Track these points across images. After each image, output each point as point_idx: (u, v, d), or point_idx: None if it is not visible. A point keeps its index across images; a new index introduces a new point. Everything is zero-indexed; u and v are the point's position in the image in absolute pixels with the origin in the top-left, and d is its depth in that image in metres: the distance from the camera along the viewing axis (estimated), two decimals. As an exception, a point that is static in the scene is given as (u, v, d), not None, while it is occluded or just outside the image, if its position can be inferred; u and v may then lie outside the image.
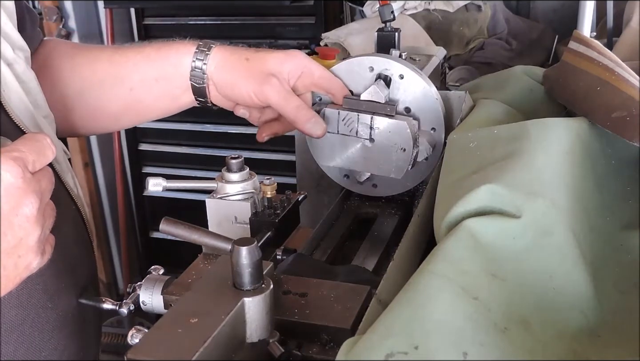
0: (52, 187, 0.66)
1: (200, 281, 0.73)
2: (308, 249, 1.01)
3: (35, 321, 0.80)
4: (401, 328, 0.54)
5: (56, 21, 2.75)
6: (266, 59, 0.96)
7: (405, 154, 0.96)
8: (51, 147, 0.65)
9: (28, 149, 0.62)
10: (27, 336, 0.79)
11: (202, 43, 0.98)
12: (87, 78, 1.00)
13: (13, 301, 0.76)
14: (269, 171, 1.26)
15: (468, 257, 0.62)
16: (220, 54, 0.97)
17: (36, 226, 0.62)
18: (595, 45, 0.92)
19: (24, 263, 0.62)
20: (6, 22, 0.84)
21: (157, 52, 0.99)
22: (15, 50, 0.84)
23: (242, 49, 0.99)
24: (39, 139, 0.64)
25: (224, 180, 0.96)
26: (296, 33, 2.53)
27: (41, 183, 0.63)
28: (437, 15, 2.05)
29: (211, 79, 0.97)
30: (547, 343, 0.59)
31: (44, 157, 0.64)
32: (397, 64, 0.98)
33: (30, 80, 0.87)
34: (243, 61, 0.96)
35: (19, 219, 0.61)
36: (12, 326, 0.77)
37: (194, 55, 0.96)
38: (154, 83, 1.00)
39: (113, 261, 3.19)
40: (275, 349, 0.68)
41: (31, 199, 0.61)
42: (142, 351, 0.62)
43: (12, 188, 0.60)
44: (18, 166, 0.60)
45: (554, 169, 0.73)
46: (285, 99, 0.94)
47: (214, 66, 0.97)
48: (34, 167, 0.62)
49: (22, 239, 0.61)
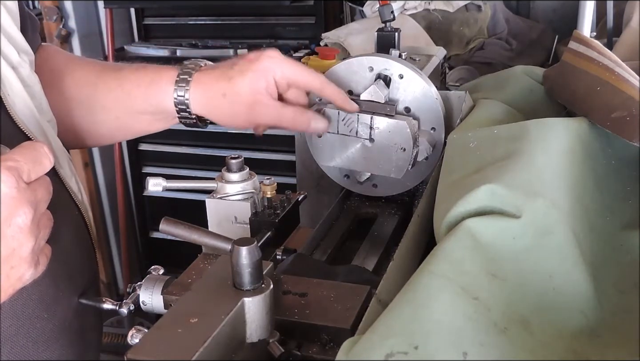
0: (49, 197, 0.65)
1: (200, 281, 0.73)
2: (308, 249, 1.01)
3: (29, 332, 0.78)
4: (401, 328, 0.54)
5: (56, 21, 2.75)
6: (241, 87, 0.90)
7: (405, 154, 0.96)
8: (48, 156, 0.63)
9: (24, 159, 0.61)
10: (21, 348, 0.78)
11: (179, 79, 0.92)
12: (74, 99, 0.98)
13: (6, 311, 0.75)
14: (269, 171, 1.26)
15: (468, 257, 0.62)
16: (199, 91, 0.92)
17: (30, 237, 0.61)
18: (595, 45, 0.92)
19: (16, 274, 0.61)
20: (11, 26, 0.83)
21: (137, 88, 0.95)
22: (20, 54, 0.83)
23: (217, 77, 0.93)
24: (36, 148, 0.63)
25: (224, 180, 0.96)
26: (296, 33, 2.53)
27: (37, 193, 0.62)
28: (437, 15, 2.05)
29: (197, 112, 0.94)
30: (547, 343, 0.59)
31: (40, 167, 0.63)
32: (397, 64, 0.98)
33: (34, 84, 0.86)
34: (220, 97, 0.92)
35: (12, 230, 0.59)
36: (5, 337, 0.76)
37: (175, 93, 0.92)
38: (140, 115, 0.97)
39: (113, 261, 3.19)
40: (275, 349, 0.68)
41: (25, 210, 0.60)
42: (142, 351, 0.61)
43: (6, 198, 0.59)
44: (12, 176, 0.59)
45: (554, 169, 0.73)
46: (278, 116, 0.92)
47: (196, 104, 0.93)
48: (30, 176, 0.61)
49: (15, 250, 0.60)
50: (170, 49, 2.61)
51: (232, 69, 0.92)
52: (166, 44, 2.69)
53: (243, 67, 0.92)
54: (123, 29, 2.86)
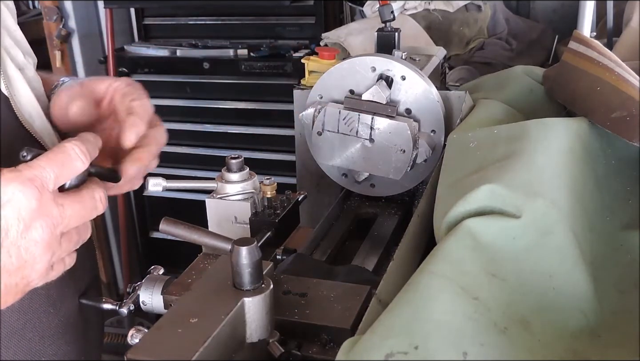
0: (85, 214, 0.61)
1: (200, 281, 0.73)
2: (308, 249, 1.01)
3: (36, 326, 0.79)
4: (401, 328, 0.54)
5: (56, 21, 2.75)
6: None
7: (405, 155, 0.96)
8: (80, 157, 0.60)
9: (49, 164, 0.58)
10: (28, 341, 0.79)
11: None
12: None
13: (15, 306, 0.74)
14: (269, 171, 1.26)
15: (468, 257, 0.62)
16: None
17: (46, 251, 0.59)
18: (595, 45, 0.92)
19: (25, 282, 0.60)
20: (16, 29, 0.83)
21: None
22: (25, 56, 0.83)
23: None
24: (66, 151, 0.60)
25: (224, 180, 0.96)
26: (296, 33, 2.53)
27: (65, 209, 0.59)
28: (437, 15, 2.05)
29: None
30: (547, 343, 0.59)
31: (69, 170, 0.60)
32: (400, 65, 0.98)
33: (39, 86, 0.85)
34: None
35: (27, 242, 0.57)
36: (13, 330, 0.77)
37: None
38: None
39: (113, 261, 3.19)
40: (275, 349, 0.68)
41: (42, 222, 0.58)
42: (142, 351, 0.62)
43: (23, 210, 0.56)
44: (34, 187, 0.57)
45: (554, 169, 0.73)
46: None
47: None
48: (57, 183, 0.59)
49: (27, 262, 0.58)
50: (170, 49, 2.61)
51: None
52: (166, 44, 2.69)
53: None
54: (123, 29, 2.86)
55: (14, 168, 0.58)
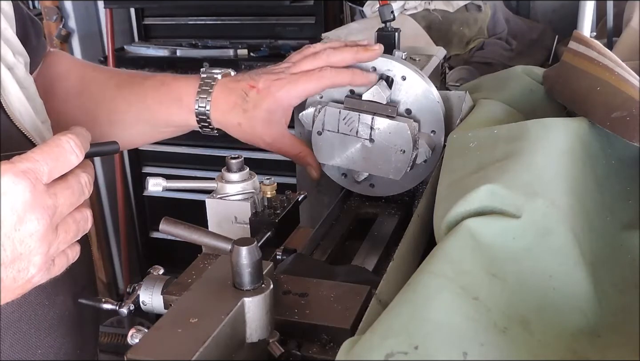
0: (75, 199, 0.62)
1: (200, 281, 0.73)
2: (308, 249, 1.01)
3: (32, 318, 0.80)
4: (401, 328, 0.54)
5: (56, 21, 2.75)
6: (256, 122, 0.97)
7: (405, 155, 0.96)
8: (74, 151, 0.61)
9: (43, 158, 0.58)
10: (24, 334, 0.79)
11: (200, 90, 0.98)
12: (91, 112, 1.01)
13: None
14: (269, 171, 1.26)
15: (468, 257, 0.62)
16: (219, 113, 0.98)
17: (42, 243, 0.59)
18: (595, 45, 0.92)
19: (24, 277, 0.60)
20: (6, 27, 0.83)
21: (159, 106, 1.00)
22: (15, 55, 0.83)
23: (231, 106, 0.98)
24: (60, 144, 0.60)
25: (224, 180, 0.96)
26: (296, 33, 2.54)
27: (57, 198, 0.60)
28: (437, 15, 2.05)
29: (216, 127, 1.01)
30: (547, 343, 0.59)
31: (63, 165, 0.60)
32: (400, 65, 0.98)
33: (30, 85, 0.86)
34: (237, 126, 0.98)
35: (21, 235, 0.57)
36: (9, 323, 0.77)
37: (196, 104, 0.98)
38: (163, 129, 1.03)
39: (113, 261, 3.19)
40: (275, 349, 0.68)
41: (37, 215, 0.58)
42: (142, 351, 0.61)
43: (17, 202, 0.56)
44: (27, 180, 0.57)
45: (554, 169, 0.73)
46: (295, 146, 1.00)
47: (216, 122, 1.00)
48: (51, 176, 0.59)
49: (23, 255, 0.58)
50: (170, 49, 2.62)
51: (246, 102, 0.96)
52: (166, 44, 2.69)
53: (256, 100, 0.95)
54: (123, 29, 2.86)
55: (8, 160, 0.58)
